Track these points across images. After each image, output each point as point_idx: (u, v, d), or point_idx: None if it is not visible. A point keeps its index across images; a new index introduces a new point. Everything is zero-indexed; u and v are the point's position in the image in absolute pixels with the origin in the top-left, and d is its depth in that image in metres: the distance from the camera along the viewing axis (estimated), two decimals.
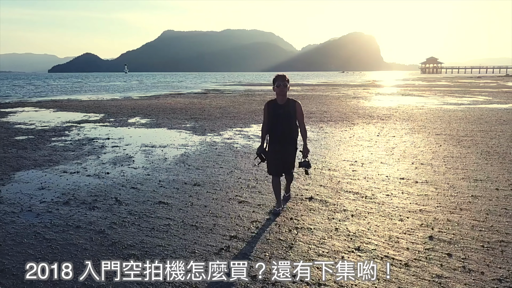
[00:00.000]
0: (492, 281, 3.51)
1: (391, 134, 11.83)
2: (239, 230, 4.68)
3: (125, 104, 23.02)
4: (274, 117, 4.99)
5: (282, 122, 4.97)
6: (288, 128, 5.01)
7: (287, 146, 5.07)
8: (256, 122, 14.89)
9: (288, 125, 5.00)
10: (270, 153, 5.12)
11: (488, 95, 29.47)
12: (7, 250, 4.20)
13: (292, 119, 5.00)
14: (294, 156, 5.17)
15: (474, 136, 11.32)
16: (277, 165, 5.13)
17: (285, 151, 5.08)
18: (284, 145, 5.06)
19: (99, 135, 11.85)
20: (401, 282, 3.50)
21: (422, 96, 29.65)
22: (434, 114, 17.00)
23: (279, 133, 5.03)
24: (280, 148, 5.06)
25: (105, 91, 40.02)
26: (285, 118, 4.96)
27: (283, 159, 5.11)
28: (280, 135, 5.03)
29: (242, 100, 25.82)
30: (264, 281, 3.54)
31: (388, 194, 6.00)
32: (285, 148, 5.07)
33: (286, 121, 4.97)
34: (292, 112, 4.97)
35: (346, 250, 4.13)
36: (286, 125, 4.99)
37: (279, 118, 4.97)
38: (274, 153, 5.09)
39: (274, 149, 5.09)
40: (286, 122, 4.98)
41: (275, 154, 5.09)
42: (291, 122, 5.00)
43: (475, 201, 5.68)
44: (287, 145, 5.07)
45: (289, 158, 5.14)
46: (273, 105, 5.03)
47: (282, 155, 5.09)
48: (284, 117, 4.96)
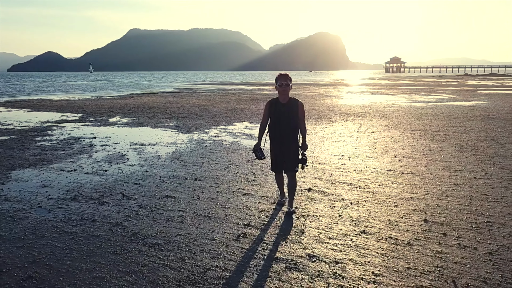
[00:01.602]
0: (484, 254, 4.00)
1: (369, 130, 12.43)
2: (250, 219, 5.00)
3: (101, 104, 22.72)
4: (276, 115, 5.06)
5: (284, 120, 5.03)
6: (290, 127, 5.07)
7: (289, 144, 5.11)
8: (238, 120, 15.18)
9: (290, 124, 5.05)
10: (272, 150, 5.25)
11: (451, 93, 30.96)
12: (32, 243, 4.33)
13: (295, 118, 5.05)
14: (297, 153, 5.16)
15: (446, 131, 12.08)
16: (278, 162, 5.24)
17: (286, 149, 5.12)
18: (286, 143, 5.11)
19: (84, 135, 11.81)
20: (408, 258, 3.93)
21: (391, 94, 30.78)
22: (405, 111, 17.84)
23: (281, 131, 5.08)
24: (282, 146, 5.13)
25: (75, 91, 39.11)
26: (287, 117, 5.02)
27: (285, 156, 5.15)
28: (282, 133, 5.08)
29: (218, 99, 26.01)
30: (286, 261, 3.88)
31: (380, 184, 6.47)
32: (287, 146, 5.11)
33: (288, 119, 5.03)
34: (294, 111, 5.04)
35: (353, 233, 4.53)
36: (288, 123, 5.04)
37: (282, 116, 5.03)
38: (275, 150, 5.20)
39: (276, 147, 5.18)
40: (288, 120, 5.03)
41: (276, 151, 5.20)
42: (293, 120, 5.05)
43: (458, 188, 6.23)
44: (289, 143, 5.11)
45: (291, 155, 5.14)
46: (276, 103, 5.10)
47: (284, 153, 5.14)
48: (286, 116, 5.02)
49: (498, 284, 3.44)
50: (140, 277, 3.60)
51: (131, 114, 17.38)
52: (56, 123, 14.50)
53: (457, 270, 3.68)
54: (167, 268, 3.77)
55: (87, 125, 13.94)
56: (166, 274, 3.66)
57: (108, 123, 14.56)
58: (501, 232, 4.53)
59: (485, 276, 3.56)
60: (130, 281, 3.53)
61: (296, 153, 5.14)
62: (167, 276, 3.61)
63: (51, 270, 3.74)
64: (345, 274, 3.63)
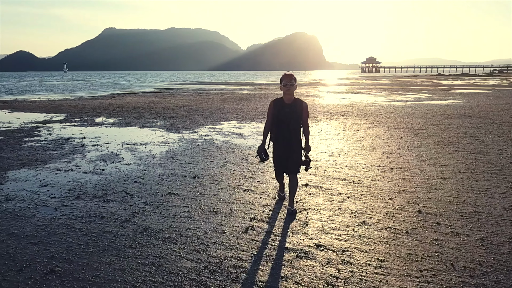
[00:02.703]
0: (476, 240, 4.34)
1: (355, 128, 12.82)
2: (255, 213, 5.22)
3: (83, 104, 22.47)
4: (280, 115, 5.03)
5: (288, 121, 5.02)
6: (294, 127, 5.06)
7: (292, 145, 5.11)
8: (225, 119, 15.36)
9: (294, 124, 5.05)
10: (275, 151, 5.24)
11: (427, 93, 31.92)
12: (46, 239, 4.43)
13: (299, 118, 5.05)
14: (300, 154, 5.17)
15: (428, 129, 12.59)
16: (281, 164, 5.24)
17: (290, 149, 5.11)
18: (289, 144, 5.11)
19: (72, 135, 11.76)
20: (408, 245, 4.23)
21: (370, 94, 31.50)
22: (386, 110, 18.39)
23: (284, 131, 5.07)
24: (285, 146, 5.12)
25: (53, 91, 38.35)
26: (291, 117, 5.01)
27: (288, 157, 5.14)
28: (285, 133, 5.07)
29: (201, 99, 26.08)
30: (296, 250, 4.12)
31: (372, 179, 6.80)
32: (290, 146, 5.11)
33: (292, 120, 5.02)
34: (299, 112, 5.03)
35: (354, 224, 4.82)
36: (292, 124, 5.04)
37: (286, 117, 5.01)
38: (278, 151, 5.19)
39: (278, 148, 5.18)
40: (292, 121, 5.03)
41: (279, 152, 5.19)
42: (297, 121, 5.05)
43: (445, 182, 6.62)
44: (292, 144, 5.11)
45: (294, 155, 5.14)
46: (280, 103, 5.08)
47: (287, 154, 5.13)
48: (290, 116, 5.01)
49: (492, 265, 3.77)
50: (160, 268, 3.77)
51: (116, 114, 17.31)
52: (41, 124, 14.33)
53: (453, 255, 4.00)
54: (184, 259, 3.95)
55: (73, 126, 13.85)
56: (184, 265, 3.84)
57: (95, 123, 14.50)
58: (489, 221, 4.90)
59: (479, 260, 3.89)
60: (151, 272, 3.70)
61: (298, 154, 5.16)
62: (186, 267, 3.80)
63: (72, 264, 3.87)
64: (352, 260, 3.90)
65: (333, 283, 3.49)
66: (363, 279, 3.55)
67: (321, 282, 3.51)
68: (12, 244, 4.32)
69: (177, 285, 3.49)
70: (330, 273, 3.65)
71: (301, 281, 3.54)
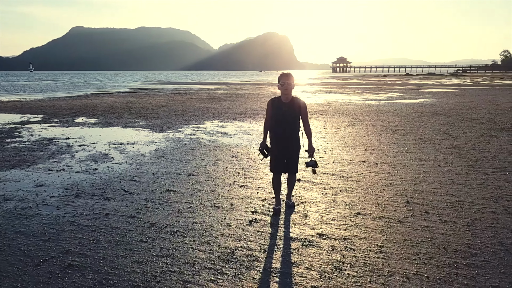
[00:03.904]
0: (463, 227, 4.74)
1: (335, 126, 13.25)
2: (255, 207, 5.46)
3: (59, 105, 22.03)
4: (278, 114, 5.01)
5: (286, 120, 5.00)
6: (292, 126, 5.03)
7: (291, 144, 5.08)
8: (207, 119, 15.50)
9: (292, 123, 5.03)
10: (273, 150, 5.15)
11: (398, 92, 33.00)
12: (56, 236, 4.53)
13: (297, 117, 5.04)
14: (298, 154, 5.18)
15: (404, 126, 13.17)
16: (279, 163, 5.17)
17: (288, 149, 5.10)
18: (288, 143, 5.07)
19: (55, 135, 11.63)
20: (402, 232, 4.58)
21: (344, 93, 32.28)
22: (362, 109, 18.99)
23: (282, 131, 5.03)
24: (283, 146, 5.08)
25: (23, 92, 37.22)
26: (289, 116, 4.99)
27: (286, 156, 5.13)
28: (283, 132, 5.03)
29: (179, 99, 26.04)
30: (301, 240, 4.40)
31: (360, 174, 7.17)
32: (288, 145, 5.08)
33: (290, 119, 5.00)
34: (297, 111, 5.01)
35: (350, 215, 5.14)
36: (290, 123, 5.02)
37: (284, 116, 4.99)
38: (276, 150, 5.13)
39: (277, 147, 5.11)
40: (290, 120, 5.01)
41: (277, 151, 5.13)
42: (295, 120, 5.03)
43: (427, 175, 7.06)
44: (291, 143, 5.08)
45: (293, 154, 5.14)
46: (278, 102, 5.06)
47: (285, 153, 5.11)
48: (288, 115, 4.99)
49: (479, 248, 4.17)
50: (175, 259, 3.96)
51: (95, 114, 17.13)
52: (20, 125, 14.05)
53: (444, 239, 4.38)
54: (197, 250, 4.15)
55: (54, 126, 13.65)
56: (197, 255, 4.04)
57: (76, 123, 14.34)
58: (471, 209, 5.32)
59: (467, 243, 4.28)
60: (168, 263, 3.88)
61: (298, 154, 5.18)
62: (200, 257, 4.00)
63: (88, 258, 4.00)
64: (354, 247, 4.20)
65: (340, 267, 3.78)
66: (366, 263, 3.86)
67: (329, 267, 3.79)
68: (22, 241, 4.40)
69: (195, 273, 3.69)
70: (336, 259, 3.95)
71: (310, 266, 3.81)
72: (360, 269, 3.75)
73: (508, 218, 4.97)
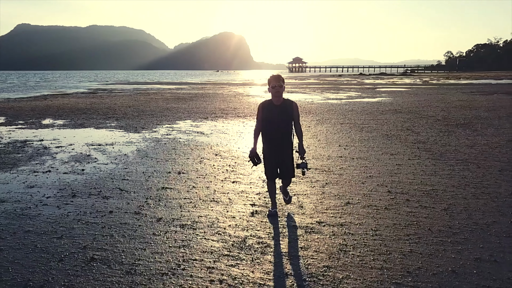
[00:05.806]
0: (441, 211, 5.35)
1: (305, 125, 13.81)
2: (253, 200, 5.82)
3: (18, 106, 21.21)
4: (269, 117, 4.92)
5: (278, 122, 4.91)
6: (284, 129, 4.95)
7: (284, 147, 5.00)
8: (179, 119, 15.62)
9: (284, 126, 4.95)
10: (266, 154, 5.06)
11: (357, 91, 34.40)
12: (68, 234, 4.66)
13: (289, 119, 4.97)
14: (292, 158, 5.10)
15: (370, 123, 13.97)
16: (273, 168, 5.09)
17: (282, 153, 5.01)
18: (280, 146, 4.99)
19: (27, 138, 11.37)
20: (391, 218, 5.11)
21: (305, 93, 33.19)
22: (327, 108, 19.77)
23: (275, 134, 4.95)
24: (276, 150, 5.00)
25: None
26: (281, 119, 4.92)
27: (280, 160, 5.05)
28: (276, 136, 4.95)
29: (144, 99, 25.79)
30: (303, 227, 4.81)
31: (340, 168, 7.70)
32: (281, 149, 5.00)
33: (282, 121, 4.93)
34: (289, 113, 4.95)
35: (341, 205, 5.62)
36: (282, 125, 4.93)
37: (276, 118, 4.91)
38: (269, 154, 5.04)
39: (270, 151, 5.02)
40: (282, 122, 4.93)
41: (270, 155, 5.04)
42: (287, 122, 4.96)
43: (401, 167, 7.71)
44: (284, 146, 4.99)
45: (286, 159, 5.04)
46: (268, 105, 4.98)
47: (279, 157, 5.03)
48: (280, 118, 4.91)
49: (458, 227, 4.77)
50: (192, 249, 4.24)
51: (62, 115, 16.74)
52: None
53: (427, 222, 4.95)
54: (210, 240, 4.46)
55: (21, 128, 13.28)
56: (212, 244, 4.35)
57: (44, 125, 14.00)
58: (445, 195, 5.97)
59: (448, 224, 4.87)
60: (186, 252, 4.16)
61: (292, 158, 5.09)
62: (214, 246, 4.31)
63: (107, 252, 4.20)
64: (352, 232, 4.67)
65: (344, 249, 4.23)
66: (366, 244, 4.33)
67: (335, 249, 4.23)
68: (36, 240, 4.50)
69: (215, 260, 4.00)
70: (339, 242, 4.39)
71: (318, 249, 4.23)
72: (362, 249, 4.21)
73: (477, 202, 5.64)
